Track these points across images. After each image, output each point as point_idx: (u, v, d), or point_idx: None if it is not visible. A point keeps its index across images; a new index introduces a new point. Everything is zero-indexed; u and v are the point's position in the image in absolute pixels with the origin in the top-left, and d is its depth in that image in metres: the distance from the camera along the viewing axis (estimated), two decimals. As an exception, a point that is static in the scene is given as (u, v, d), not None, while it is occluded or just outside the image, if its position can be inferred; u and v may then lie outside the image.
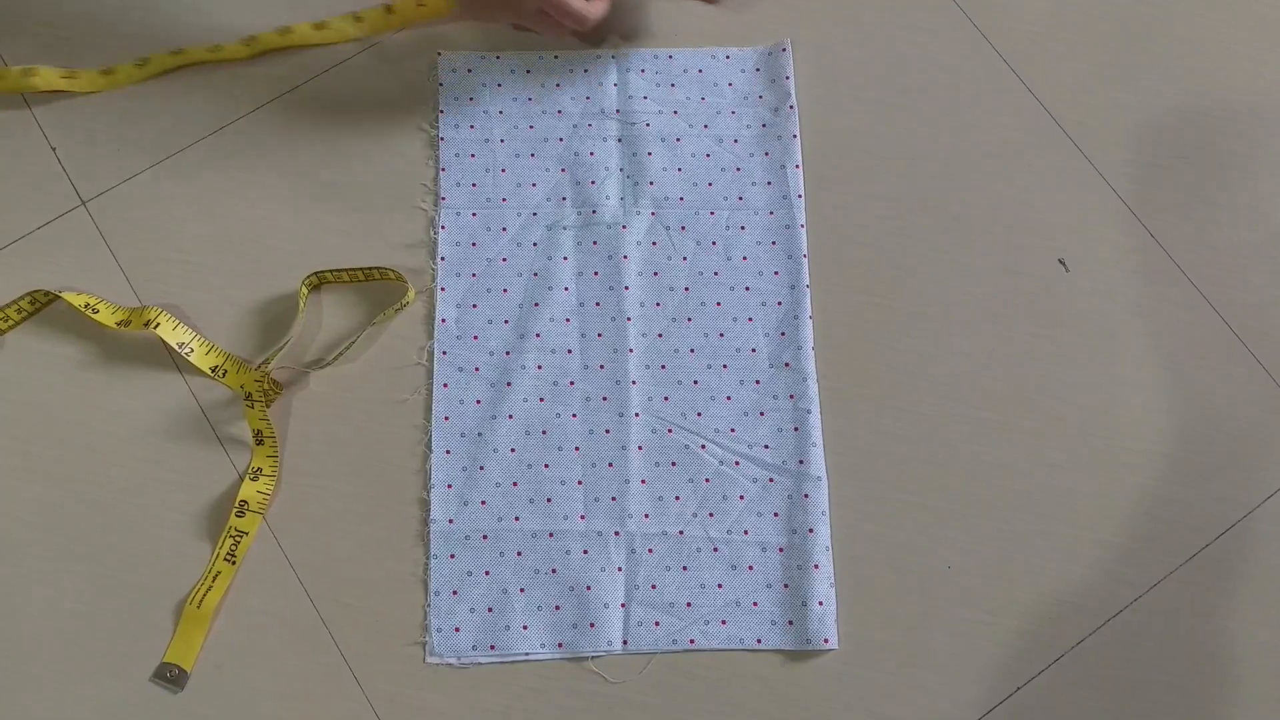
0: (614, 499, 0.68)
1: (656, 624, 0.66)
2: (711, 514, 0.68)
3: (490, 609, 0.66)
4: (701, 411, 0.70)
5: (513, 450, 0.69)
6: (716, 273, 0.73)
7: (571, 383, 0.70)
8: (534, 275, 0.72)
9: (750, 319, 0.72)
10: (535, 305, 0.72)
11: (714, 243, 0.73)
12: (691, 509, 0.68)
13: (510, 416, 0.69)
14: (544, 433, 0.69)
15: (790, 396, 0.70)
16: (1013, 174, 0.76)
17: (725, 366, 0.71)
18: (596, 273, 0.72)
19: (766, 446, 0.69)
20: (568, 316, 0.72)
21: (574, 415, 0.70)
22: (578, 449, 0.69)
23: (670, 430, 0.69)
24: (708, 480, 0.68)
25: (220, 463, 0.69)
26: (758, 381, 0.70)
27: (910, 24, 0.79)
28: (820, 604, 0.66)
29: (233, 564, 0.66)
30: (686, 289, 0.72)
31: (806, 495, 0.68)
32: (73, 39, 0.77)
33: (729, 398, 0.70)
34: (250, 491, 0.67)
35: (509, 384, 0.70)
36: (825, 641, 0.65)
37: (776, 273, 0.73)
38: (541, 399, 0.70)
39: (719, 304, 0.72)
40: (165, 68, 0.76)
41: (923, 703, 0.65)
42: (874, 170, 0.76)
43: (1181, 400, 0.71)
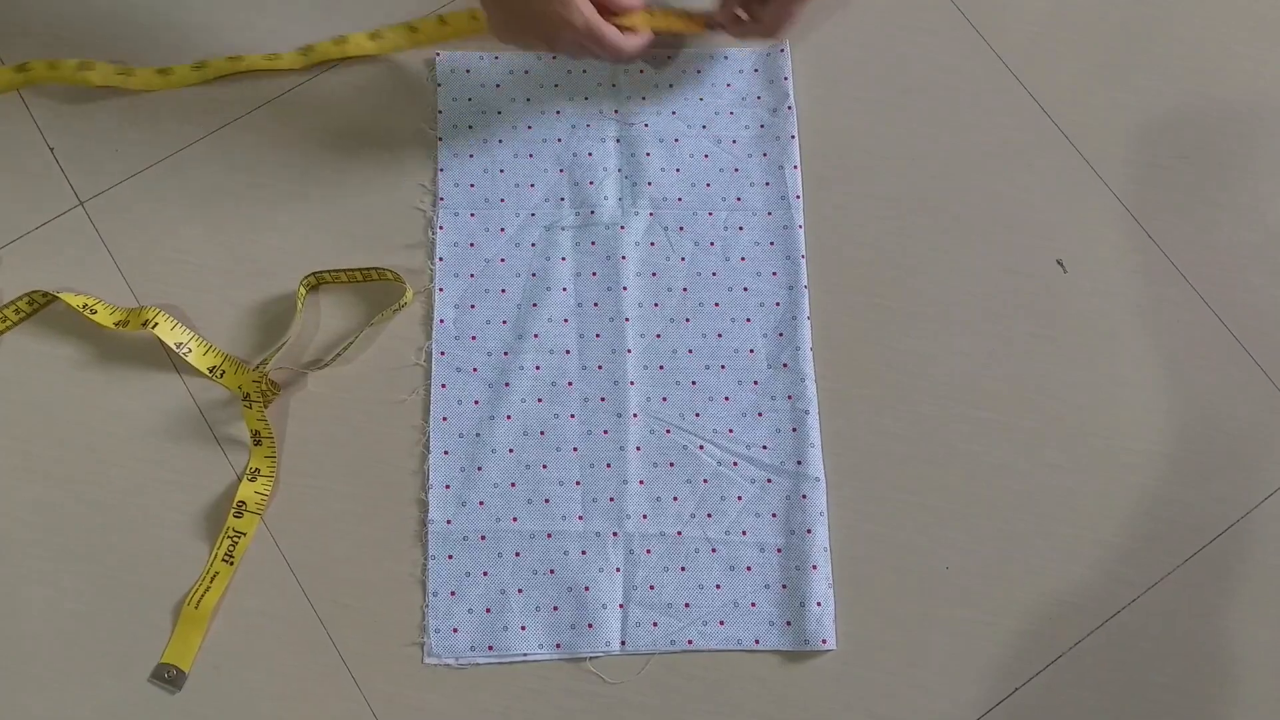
0: (612, 500, 0.68)
1: (655, 625, 0.66)
2: (710, 515, 0.68)
3: (488, 610, 0.66)
4: (700, 412, 0.70)
5: (511, 451, 0.69)
6: (715, 273, 0.73)
7: (570, 383, 0.70)
8: (532, 276, 0.72)
9: (748, 320, 0.72)
10: (534, 306, 0.71)
11: (712, 243, 0.73)
12: (690, 510, 0.68)
13: (508, 417, 0.69)
14: (542, 433, 0.69)
15: (788, 397, 0.70)
16: (1012, 174, 0.76)
17: (723, 367, 0.71)
18: (595, 273, 0.72)
19: (765, 447, 0.69)
20: (566, 317, 0.71)
21: (572, 416, 0.69)
22: (576, 450, 0.69)
23: (668, 431, 0.69)
24: (706, 481, 0.68)
25: (218, 463, 0.69)
26: (756, 382, 0.70)
27: (908, 25, 0.79)
28: (818, 605, 0.66)
29: (231, 564, 0.66)
30: (685, 290, 0.72)
31: (805, 496, 0.68)
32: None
33: (727, 398, 0.70)
34: (248, 492, 0.67)
35: (507, 384, 0.70)
36: (823, 642, 0.65)
37: (775, 273, 0.73)
38: (540, 400, 0.70)
39: (717, 305, 0.72)
40: (221, 73, 0.76)
41: (922, 703, 0.65)
42: (873, 170, 0.76)
43: (1180, 400, 0.71)
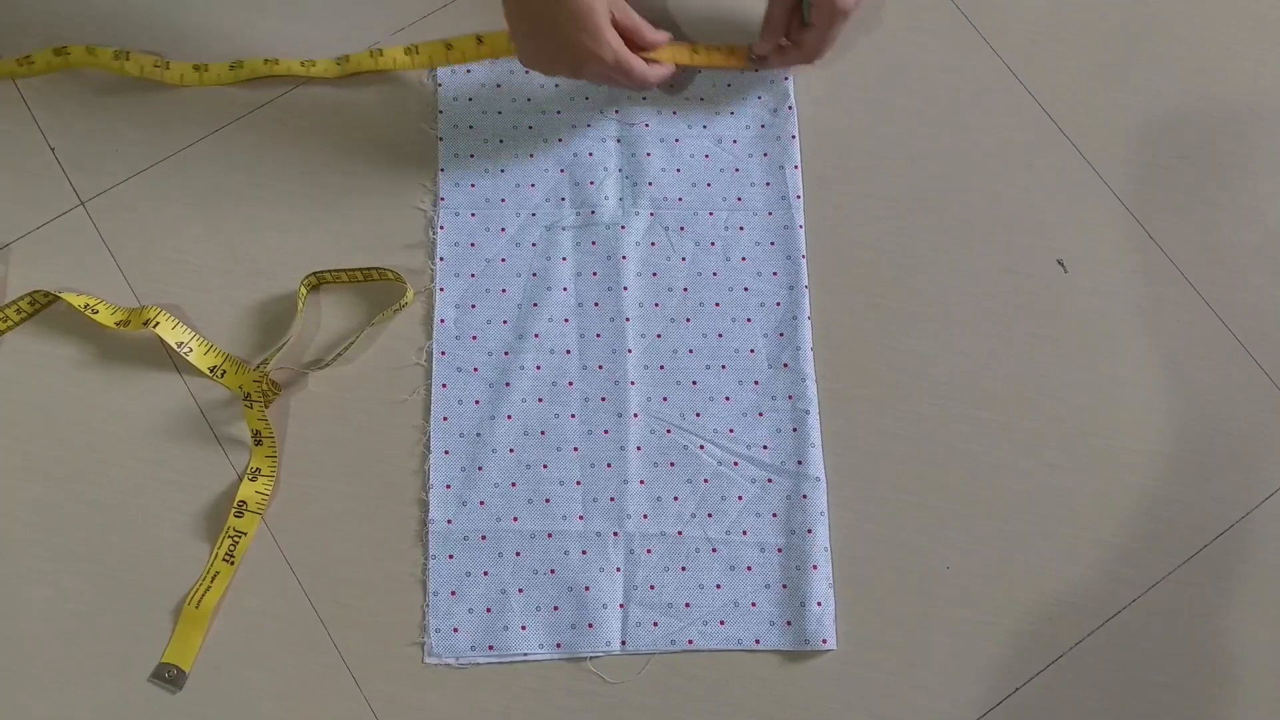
0: (612, 499, 0.68)
1: (655, 624, 0.66)
2: (710, 514, 0.68)
3: (489, 609, 0.66)
4: (700, 412, 0.70)
5: (511, 451, 0.69)
6: (715, 273, 0.73)
7: (570, 383, 0.70)
8: (533, 276, 0.72)
9: (749, 320, 0.72)
10: (534, 306, 0.72)
11: (713, 243, 0.73)
12: (690, 509, 0.68)
13: (509, 417, 0.69)
14: (543, 433, 0.69)
15: (789, 397, 0.70)
16: (1012, 174, 0.76)
17: (724, 367, 0.71)
18: (595, 273, 0.72)
19: (765, 447, 0.69)
20: (566, 317, 0.72)
21: (573, 416, 0.69)
22: (576, 449, 0.69)
23: (669, 431, 0.69)
24: (706, 481, 0.68)
25: (219, 463, 0.69)
26: (756, 382, 0.70)
27: (909, 25, 0.79)
28: (819, 604, 0.66)
29: (231, 564, 0.66)
30: (685, 290, 0.72)
31: (805, 496, 0.68)
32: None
33: (728, 398, 0.70)
34: (249, 492, 0.67)
35: (508, 384, 0.70)
36: (824, 642, 0.65)
37: (775, 274, 0.73)
38: (540, 399, 0.70)
39: (718, 305, 0.72)
40: (257, 74, 0.76)
41: (922, 703, 0.65)
42: (873, 170, 0.76)
43: (1180, 400, 0.71)
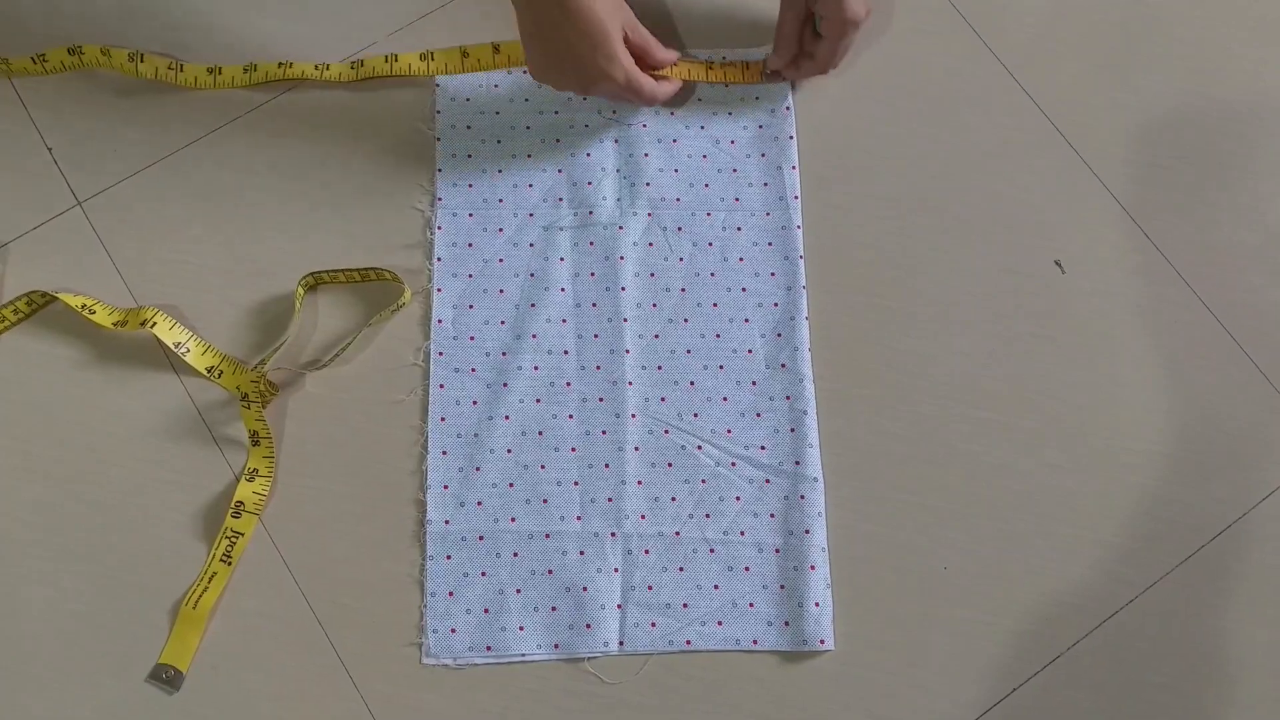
0: (610, 500, 0.68)
1: (653, 625, 0.66)
2: (708, 515, 0.68)
3: (486, 610, 0.66)
4: (698, 412, 0.70)
5: (509, 451, 0.69)
6: (713, 274, 0.73)
7: (568, 384, 0.70)
8: (531, 276, 0.72)
9: (747, 320, 0.72)
10: (532, 306, 0.71)
11: (710, 244, 0.73)
12: (688, 510, 0.68)
13: (506, 417, 0.69)
14: (540, 434, 0.69)
15: (786, 398, 0.70)
16: (1011, 175, 0.76)
17: (722, 368, 0.71)
18: (593, 274, 0.72)
19: (763, 448, 0.69)
20: (564, 317, 0.71)
21: (570, 416, 0.69)
22: (574, 450, 0.69)
23: (667, 431, 0.69)
24: (704, 481, 0.68)
25: (216, 463, 0.69)
26: (754, 383, 0.70)
27: (907, 25, 0.79)
28: (817, 605, 0.66)
29: (229, 565, 0.66)
30: (683, 290, 0.72)
31: (803, 496, 0.68)
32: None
33: (725, 399, 0.70)
34: (246, 492, 0.67)
35: (505, 385, 0.70)
36: (821, 642, 0.65)
37: (773, 274, 0.73)
38: (538, 400, 0.70)
39: (715, 305, 0.72)
40: (271, 78, 0.76)
41: (920, 703, 0.65)
42: (872, 170, 0.76)
43: (1180, 400, 0.71)
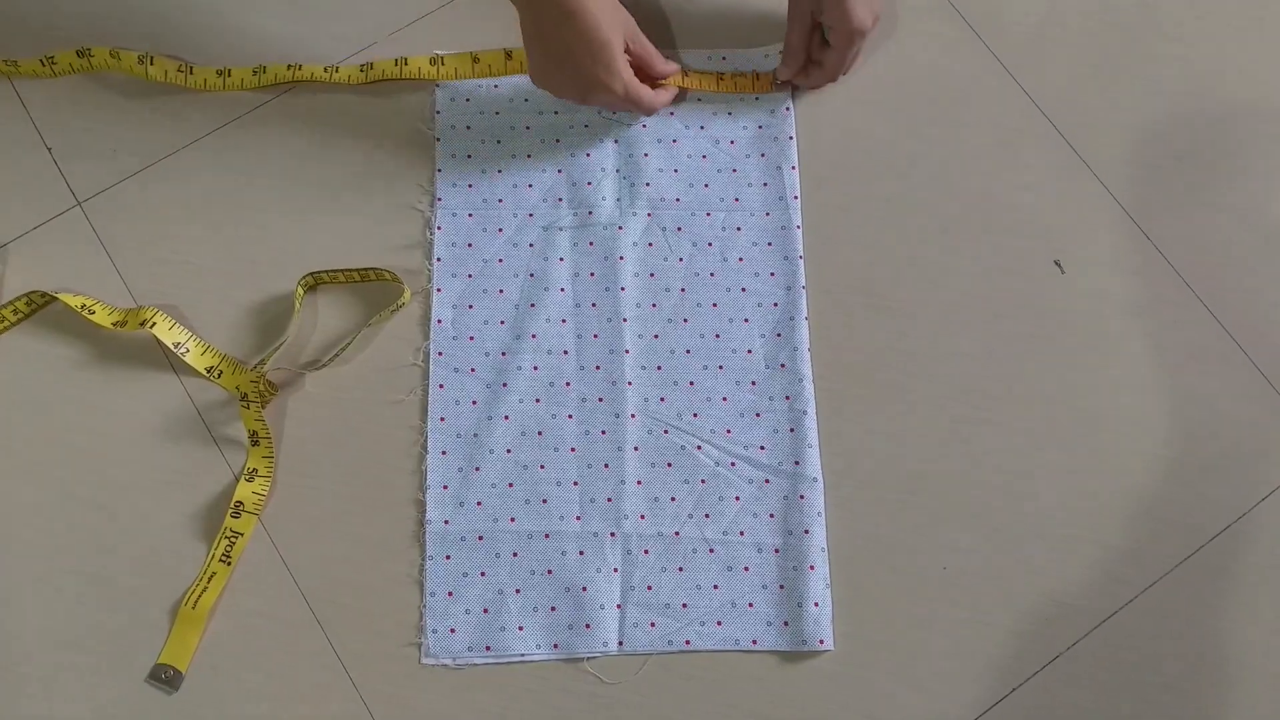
0: (610, 500, 0.68)
1: (652, 625, 0.66)
2: (707, 515, 0.68)
3: (486, 610, 0.66)
4: (698, 412, 0.70)
5: (508, 451, 0.69)
6: (712, 274, 0.73)
7: (567, 384, 0.70)
8: (530, 276, 0.72)
9: (746, 320, 0.72)
10: (531, 306, 0.71)
11: (710, 244, 0.73)
12: (687, 510, 0.68)
13: (506, 417, 0.69)
14: (540, 434, 0.69)
15: (786, 398, 0.70)
16: (1010, 175, 0.76)
17: (721, 368, 0.71)
18: (593, 274, 0.72)
19: (762, 448, 0.69)
20: (564, 317, 0.71)
21: (570, 416, 0.69)
22: (573, 450, 0.69)
23: (666, 431, 0.69)
24: (703, 481, 0.68)
25: (216, 463, 0.69)
26: (754, 383, 0.70)
27: (906, 26, 0.79)
28: (816, 605, 0.66)
29: (228, 565, 0.66)
30: (682, 290, 0.72)
31: (802, 496, 0.68)
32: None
33: (725, 399, 0.70)
34: (245, 492, 0.67)
35: (505, 385, 0.70)
36: (821, 643, 0.65)
37: (772, 274, 0.73)
38: (537, 400, 0.70)
39: (715, 305, 0.72)
40: (280, 79, 0.76)
41: (919, 703, 0.65)
42: (872, 171, 0.76)
43: (1179, 401, 0.71)
